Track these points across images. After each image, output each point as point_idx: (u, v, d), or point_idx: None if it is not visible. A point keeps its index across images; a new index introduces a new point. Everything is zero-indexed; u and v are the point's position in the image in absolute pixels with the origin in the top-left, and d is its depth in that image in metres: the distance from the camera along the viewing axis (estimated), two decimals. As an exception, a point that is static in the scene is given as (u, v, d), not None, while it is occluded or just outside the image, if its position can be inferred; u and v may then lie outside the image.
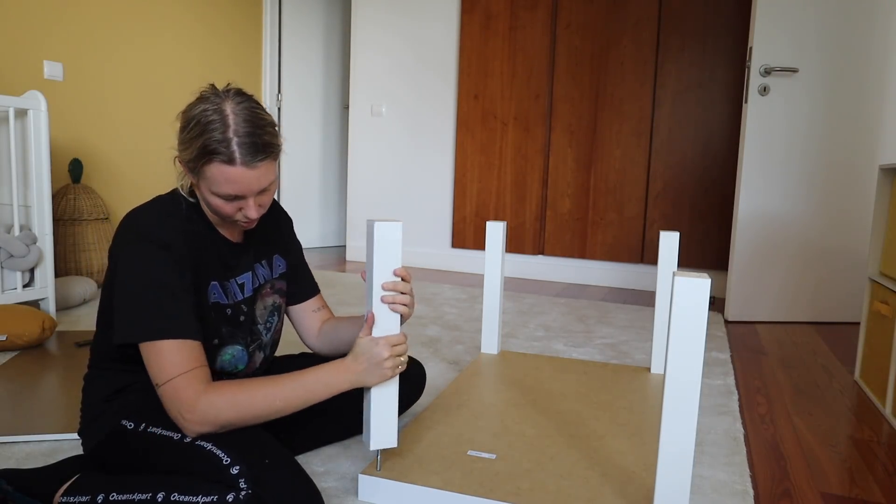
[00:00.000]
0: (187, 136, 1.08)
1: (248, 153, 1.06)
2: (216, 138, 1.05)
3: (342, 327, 1.37)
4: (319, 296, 1.44)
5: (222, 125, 1.05)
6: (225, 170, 1.06)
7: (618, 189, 3.75)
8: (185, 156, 1.10)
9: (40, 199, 2.46)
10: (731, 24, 3.46)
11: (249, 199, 1.12)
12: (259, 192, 1.12)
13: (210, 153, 1.06)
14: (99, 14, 3.31)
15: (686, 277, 1.03)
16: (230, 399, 1.06)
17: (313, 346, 1.43)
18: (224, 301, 1.20)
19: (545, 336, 2.56)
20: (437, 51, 4.09)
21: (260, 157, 1.08)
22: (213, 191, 1.09)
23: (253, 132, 1.07)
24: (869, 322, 2.10)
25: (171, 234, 1.10)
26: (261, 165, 1.09)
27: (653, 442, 1.45)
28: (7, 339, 2.07)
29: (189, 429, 1.05)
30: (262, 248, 1.32)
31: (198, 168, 1.09)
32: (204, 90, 1.11)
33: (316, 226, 5.02)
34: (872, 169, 2.94)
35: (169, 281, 1.07)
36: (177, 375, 1.04)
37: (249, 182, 1.09)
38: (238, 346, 1.22)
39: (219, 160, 1.06)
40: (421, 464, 1.29)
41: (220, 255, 1.20)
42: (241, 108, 1.08)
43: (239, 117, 1.07)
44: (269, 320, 1.31)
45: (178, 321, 1.06)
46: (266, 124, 1.10)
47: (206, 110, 1.07)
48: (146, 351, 1.06)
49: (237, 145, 1.06)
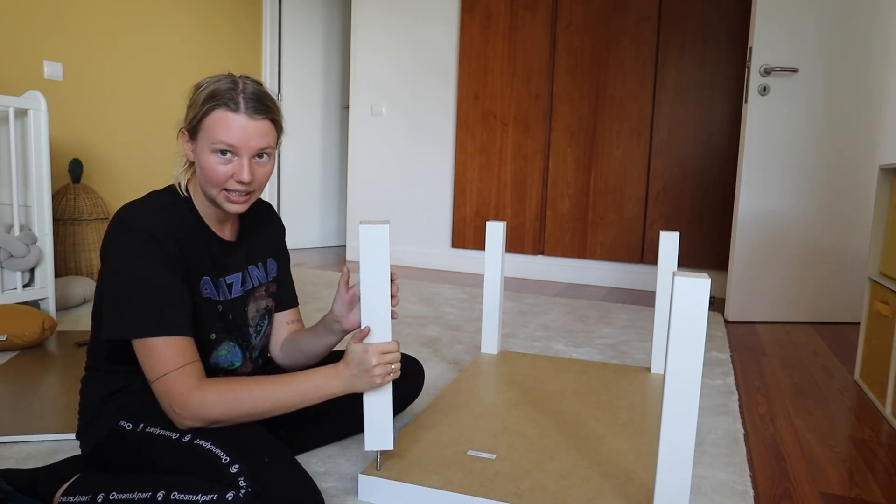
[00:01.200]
0: (197, 96, 1.12)
1: (252, 106, 1.11)
2: (224, 89, 1.11)
3: (301, 338, 1.36)
4: (296, 309, 1.43)
5: (232, 85, 1.12)
6: (227, 115, 1.10)
7: (618, 189, 3.75)
8: (190, 114, 1.13)
9: (40, 199, 2.46)
10: (731, 24, 3.46)
11: (244, 159, 1.12)
12: (255, 154, 1.13)
13: (216, 99, 1.10)
14: (99, 14, 3.31)
15: (686, 277, 1.03)
16: (221, 396, 1.06)
17: (276, 356, 1.41)
18: (215, 297, 1.20)
19: (545, 336, 2.56)
20: (437, 51, 4.09)
21: (263, 113, 1.12)
22: (211, 144, 1.10)
23: (258, 96, 1.13)
24: (869, 322, 2.10)
25: (162, 228, 1.09)
26: (262, 121, 1.12)
27: (653, 442, 1.45)
28: (7, 339, 2.07)
29: (181, 423, 1.06)
30: (258, 250, 1.31)
31: (199, 120, 1.11)
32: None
33: (316, 226, 5.02)
34: (872, 169, 2.94)
35: (159, 276, 1.07)
36: (169, 371, 1.04)
37: (248, 133, 1.11)
38: (231, 342, 1.22)
39: (223, 107, 1.10)
40: (421, 464, 1.29)
41: (211, 252, 1.20)
42: (251, 82, 1.15)
43: (248, 86, 1.13)
44: (259, 323, 1.31)
45: (168, 317, 1.06)
46: (271, 99, 1.16)
47: (218, 79, 1.13)
48: (138, 348, 1.06)
49: (243, 98, 1.11)
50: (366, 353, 1.14)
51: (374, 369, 1.14)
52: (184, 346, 1.07)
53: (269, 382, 1.10)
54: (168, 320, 1.06)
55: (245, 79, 1.14)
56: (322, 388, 1.13)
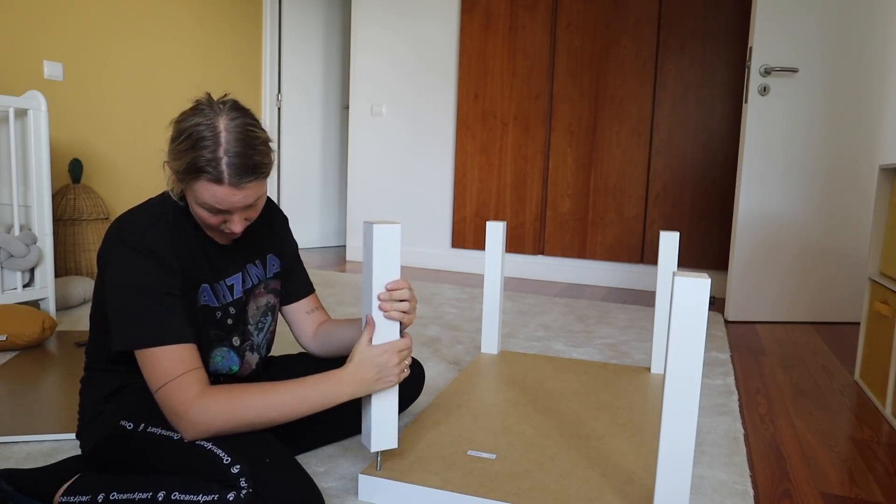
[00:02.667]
0: (178, 147, 1.07)
1: (237, 174, 1.05)
2: (206, 157, 1.04)
3: (340, 330, 1.36)
4: (314, 296, 1.42)
5: (214, 143, 1.04)
6: (212, 188, 1.06)
7: (618, 189, 3.75)
8: (174, 166, 1.09)
9: (40, 199, 2.46)
10: (731, 24, 3.46)
11: (234, 215, 1.11)
12: (245, 207, 1.11)
13: (198, 171, 1.05)
14: (99, 14, 3.31)
15: (686, 277, 1.03)
16: (224, 406, 1.05)
17: (308, 347, 1.42)
18: (213, 304, 1.20)
19: (545, 336, 2.56)
20: (437, 51, 4.09)
21: (248, 179, 1.07)
22: (198, 203, 1.09)
23: (243, 152, 1.05)
24: (869, 322, 2.10)
25: (158, 240, 1.09)
26: (248, 186, 1.08)
27: (653, 442, 1.45)
28: (7, 339, 2.07)
29: (185, 432, 1.05)
30: (254, 248, 1.31)
31: (185, 180, 1.08)
32: (199, 100, 1.09)
33: (316, 226, 5.02)
34: (872, 169, 2.94)
35: (157, 287, 1.06)
36: (170, 380, 1.04)
37: (235, 201, 1.08)
38: (225, 348, 1.22)
39: (206, 178, 1.05)
40: (421, 464, 1.29)
41: (208, 257, 1.20)
42: (235, 126, 1.06)
43: (231, 135, 1.05)
44: (261, 321, 1.31)
45: (168, 327, 1.05)
46: (259, 143, 1.08)
47: (198, 124, 1.05)
48: (140, 358, 1.06)
49: (226, 165, 1.04)
50: (384, 353, 1.14)
51: (394, 369, 1.14)
52: (184, 354, 1.06)
53: (273, 391, 1.08)
54: (167, 330, 1.05)
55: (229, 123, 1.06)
56: (331, 396, 1.11)
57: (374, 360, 1.14)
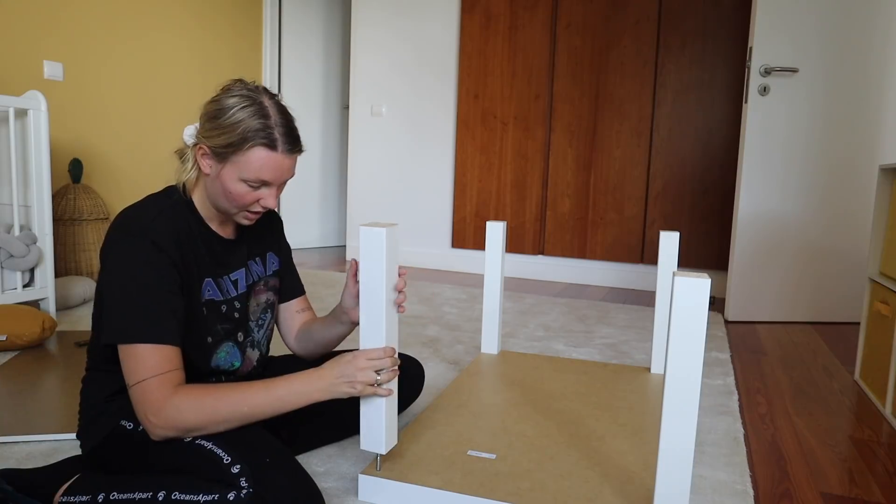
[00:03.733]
0: (224, 121, 1.10)
1: (289, 142, 1.12)
2: (259, 125, 1.09)
3: (314, 328, 1.38)
4: (304, 297, 1.44)
5: (264, 114, 1.10)
6: (266, 154, 1.10)
7: (618, 189, 3.75)
8: (218, 141, 1.10)
9: (40, 199, 2.46)
10: (731, 24, 3.46)
11: (274, 188, 1.15)
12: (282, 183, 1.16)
13: (254, 136, 1.09)
14: (99, 14, 3.31)
15: (686, 277, 1.03)
16: (195, 402, 1.04)
17: (291, 346, 1.43)
18: (218, 297, 1.20)
19: (545, 336, 2.56)
20: (437, 51, 4.09)
21: (297, 148, 1.15)
22: (242, 177, 1.11)
23: (290, 124, 1.14)
24: (869, 322, 2.10)
25: (161, 233, 1.09)
26: (295, 155, 1.15)
27: (653, 442, 1.45)
28: (7, 339, 2.07)
29: (154, 432, 1.04)
30: (256, 245, 1.32)
31: (232, 153, 1.09)
32: (231, 83, 1.15)
33: (316, 226, 5.02)
34: (872, 169, 2.94)
35: (153, 283, 1.06)
36: (148, 377, 1.03)
37: (284, 170, 1.13)
38: (230, 343, 1.22)
39: (262, 144, 1.09)
40: (421, 464, 1.29)
41: (212, 252, 1.20)
42: (275, 103, 1.14)
43: (276, 109, 1.13)
44: (261, 317, 1.31)
45: (156, 325, 1.05)
46: (294, 122, 1.17)
47: (245, 97, 1.11)
48: (122, 352, 1.05)
49: (280, 133, 1.11)
50: (353, 359, 1.13)
51: (357, 374, 1.11)
52: (167, 355, 1.05)
53: (246, 388, 1.08)
54: (155, 328, 1.05)
55: (269, 100, 1.13)
56: (302, 394, 1.10)
57: (342, 363, 1.13)
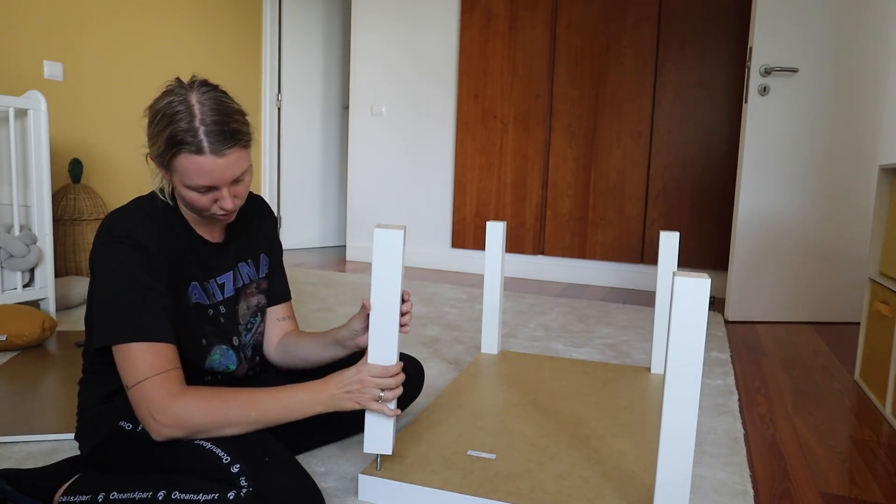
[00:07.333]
0: (154, 129, 1.07)
1: (217, 141, 1.04)
2: (182, 128, 1.03)
3: (303, 344, 1.32)
4: (289, 304, 1.39)
5: (188, 115, 1.04)
6: (194, 160, 1.04)
7: (618, 189, 3.75)
8: (154, 150, 1.08)
9: (40, 199, 2.46)
10: (731, 24, 3.46)
11: (223, 190, 1.09)
12: (233, 182, 1.10)
13: (178, 144, 1.04)
14: (99, 14, 3.31)
15: (686, 277, 1.03)
16: (205, 403, 1.03)
17: (269, 355, 1.37)
18: (205, 302, 1.19)
19: (545, 336, 2.56)
20: (437, 51, 4.09)
21: (229, 145, 1.06)
22: (185, 183, 1.08)
23: (220, 120, 1.05)
24: (869, 322, 2.10)
25: (145, 237, 1.08)
26: (230, 153, 1.06)
27: (653, 442, 1.45)
28: (7, 339, 2.07)
29: (158, 431, 1.03)
30: (247, 248, 1.30)
31: (167, 161, 1.07)
32: (169, 83, 1.09)
33: (316, 226, 5.02)
34: (872, 169, 2.94)
35: (141, 284, 1.05)
36: (149, 377, 1.02)
37: (221, 171, 1.06)
38: (224, 346, 1.22)
39: (187, 150, 1.04)
40: (421, 464, 1.29)
41: (198, 256, 1.19)
42: (207, 98, 1.06)
43: (205, 106, 1.05)
44: (251, 321, 1.30)
45: (149, 324, 1.04)
46: (234, 112, 1.08)
47: (171, 102, 1.05)
48: (118, 354, 1.04)
49: (204, 134, 1.04)
50: (357, 373, 1.13)
51: (363, 392, 1.12)
52: (165, 353, 1.05)
53: (253, 394, 1.07)
54: (148, 326, 1.04)
55: (201, 96, 1.06)
56: (306, 406, 1.10)
57: (346, 377, 1.13)
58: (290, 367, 1.36)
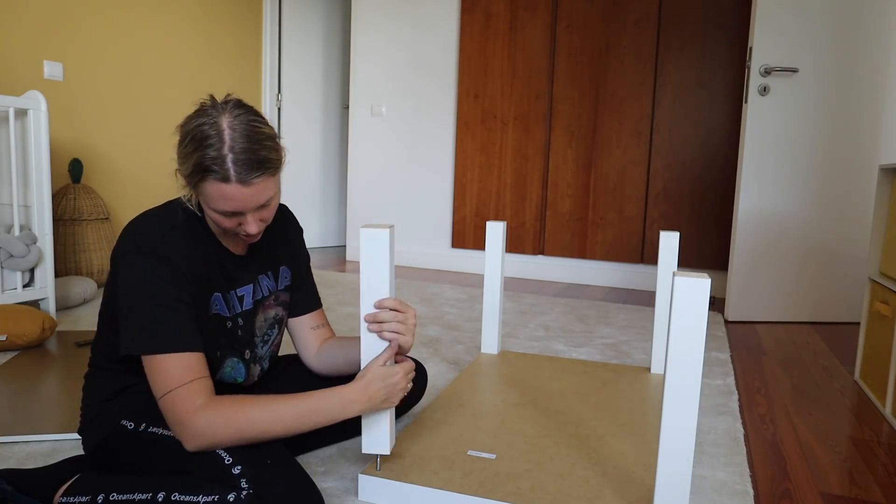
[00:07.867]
0: (184, 150, 1.06)
1: (244, 170, 1.03)
2: (211, 155, 1.02)
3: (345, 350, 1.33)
4: (321, 311, 1.40)
5: (218, 141, 1.02)
6: (220, 187, 1.04)
7: (618, 189, 3.75)
8: (183, 170, 1.08)
9: (40, 199, 2.46)
10: (731, 23, 3.46)
11: (248, 216, 1.09)
12: (258, 207, 1.10)
13: (205, 170, 1.03)
14: (99, 14, 3.31)
15: (686, 277, 1.03)
16: (228, 420, 1.03)
17: (311, 364, 1.39)
18: (225, 313, 1.19)
19: (545, 336, 2.56)
20: (437, 51, 4.09)
21: (256, 174, 1.04)
22: (210, 206, 1.08)
23: (249, 147, 1.04)
24: (869, 322, 2.10)
25: (170, 247, 1.08)
26: (257, 182, 1.05)
27: (653, 442, 1.45)
28: (7, 339, 2.07)
29: (186, 443, 1.04)
30: (268, 260, 1.30)
31: (195, 183, 1.07)
32: (203, 101, 1.08)
33: (316, 226, 5.02)
34: (872, 169, 2.94)
35: (169, 293, 1.05)
36: (175, 388, 1.03)
37: (245, 199, 1.06)
38: (235, 359, 1.22)
39: (214, 178, 1.03)
40: (421, 464, 1.29)
41: (222, 266, 1.19)
42: (239, 122, 1.05)
43: (236, 132, 1.04)
44: (267, 333, 1.30)
45: (177, 334, 1.05)
46: (265, 138, 1.07)
47: (202, 124, 1.04)
48: (147, 364, 1.05)
49: (232, 162, 1.02)
50: (395, 374, 1.15)
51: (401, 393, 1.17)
52: (191, 362, 1.05)
53: (278, 407, 1.07)
54: (176, 337, 1.04)
55: (233, 120, 1.04)
56: (337, 413, 1.11)
57: (385, 380, 1.14)
58: (335, 373, 1.37)
